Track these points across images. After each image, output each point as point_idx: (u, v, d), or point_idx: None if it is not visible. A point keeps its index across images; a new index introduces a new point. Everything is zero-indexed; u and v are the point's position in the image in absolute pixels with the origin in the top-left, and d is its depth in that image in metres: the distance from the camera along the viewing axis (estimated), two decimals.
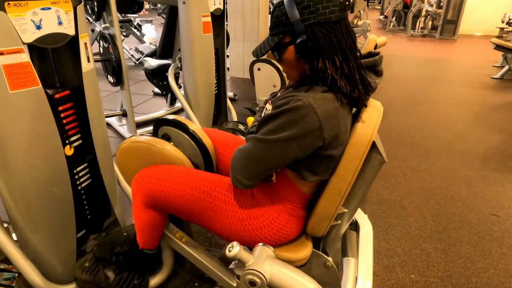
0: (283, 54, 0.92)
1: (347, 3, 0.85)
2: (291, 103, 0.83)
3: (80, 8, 1.15)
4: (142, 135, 1.19)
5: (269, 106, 1.03)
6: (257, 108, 1.21)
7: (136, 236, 1.22)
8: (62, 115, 1.22)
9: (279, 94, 1.07)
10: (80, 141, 1.32)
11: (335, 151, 0.88)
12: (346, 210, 1.01)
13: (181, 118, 1.27)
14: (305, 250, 1.03)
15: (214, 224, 1.04)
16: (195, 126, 1.24)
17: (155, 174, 1.08)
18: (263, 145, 0.86)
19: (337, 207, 0.95)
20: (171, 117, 1.26)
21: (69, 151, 1.27)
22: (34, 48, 1.06)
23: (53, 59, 1.19)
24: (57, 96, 1.18)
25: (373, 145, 0.89)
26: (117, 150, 1.20)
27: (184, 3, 2.28)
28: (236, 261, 1.09)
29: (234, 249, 0.82)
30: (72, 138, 1.28)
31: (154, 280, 1.33)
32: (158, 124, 1.28)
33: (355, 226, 1.38)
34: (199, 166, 1.25)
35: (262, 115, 1.07)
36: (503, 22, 7.33)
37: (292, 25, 0.85)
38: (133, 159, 1.18)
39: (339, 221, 1.04)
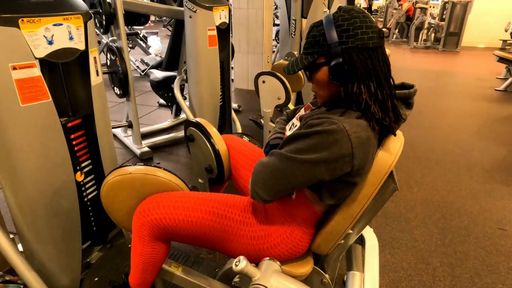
0: (315, 74, 0.92)
1: (383, 33, 0.86)
2: (325, 125, 0.82)
3: (90, 23, 1.18)
4: (123, 166, 1.09)
5: (296, 122, 1.01)
6: (277, 119, 1.21)
7: (126, 278, 1.15)
8: (74, 142, 1.26)
9: (303, 111, 1.06)
10: (91, 167, 1.34)
11: (359, 178, 0.88)
12: (351, 231, 1.01)
13: (204, 121, 1.31)
14: (307, 266, 1.03)
15: (229, 246, 1.02)
16: (213, 130, 1.27)
17: (161, 204, 1.02)
18: (291, 163, 0.84)
19: (346, 229, 0.96)
20: (196, 119, 1.31)
21: (80, 177, 1.30)
22: (45, 63, 1.09)
23: (63, 73, 1.21)
24: (69, 124, 1.22)
25: (390, 173, 0.90)
26: (103, 187, 1.09)
27: (190, 17, 2.33)
28: (240, 276, 1.09)
29: (241, 264, 0.82)
30: (83, 164, 1.31)
31: None
32: (187, 124, 1.35)
33: (360, 240, 1.37)
34: (213, 169, 1.28)
35: (287, 128, 1.06)
36: (506, 31, 7.33)
37: (329, 46, 0.85)
38: (124, 193, 1.08)
39: (343, 241, 1.04)
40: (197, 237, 1.03)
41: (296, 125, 0.99)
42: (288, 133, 1.03)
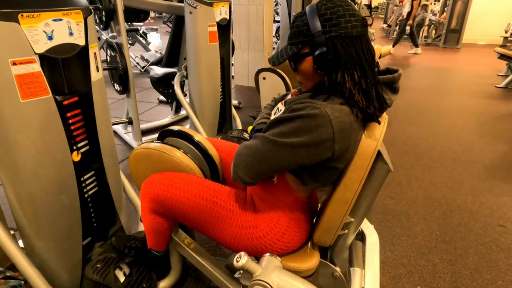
0: (300, 64, 0.92)
1: (366, 21, 0.86)
2: (307, 109, 0.82)
3: (90, 19, 1.17)
4: (153, 141, 1.22)
5: (281, 106, 1.02)
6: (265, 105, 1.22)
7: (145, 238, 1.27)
8: (70, 121, 1.24)
9: (289, 96, 1.07)
10: (88, 147, 1.33)
11: (341, 164, 0.89)
12: (352, 220, 1.01)
13: (186, 128, 1.28)
14: (312, 260, 1.03)
15: (219, 234, 1.05)
16: (200, 136, 1.25)
17: (163, 181, 1.10)
18: (273, 146, 0.85)
19: (343, 217, 0.96)
20: (176, 128, 1.27)
21: (77, 157, 1.28)
22: (45, 58, 1.08)
23: (63, 69, 1.21)
24: (65, 102, 1.20)
25: (379, 154, 0.90)
26: (130, 155, 1.24)
27: (190, 13, 2.31)
28: (243, 271, 1.09)
29: (242, 259, 0.82)
30: (80, 144, 1.29)
31: (163, 284, 1.35)
32: (163, 135, 1.29)
33: (361, 236, 1.37)
34: (206, 176, 1.26)
35: (272, 113, 1.07)
36: (506, 32, 7.35)
37: (313, 36, 0.85)
38: (144, 165, 1.22)
39: (346, 231, 1.04)
40: (189, 219, 1.08)
41: (280, 110, 1.00)
42: (273, 117, 1.03)
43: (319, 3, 0.86)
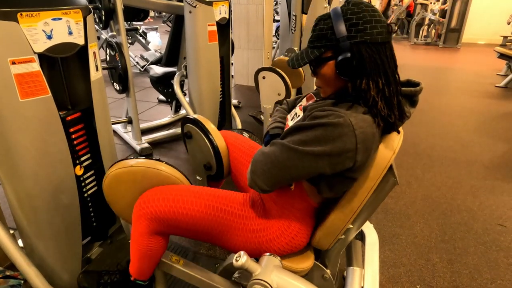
0: (320, 69, 0.89)
1: (391, 28, 0.84)
2: (331, 117, 0.80)
3: (90, 18, 1.18)
4: (126, 159, 1.09)
5: (299, 112, 0.99)
6: (272, 107, 1.21)
7: (128, 265, 1.14)
8: (73, 136, 1.25)
9: (304, 100, 1.05)
10: (90, 161, 1.33)
11: (358, 174, 0.87)
12: (352, 226, 1.01)
13: (202, 117, 1.30)
14: (307, 262, 1.03)
15: (228, 240, 1.02)
16: (211, 126, 1.26)
17: (161, 196, 1.02)
18: (293, 154, 0.83)
19: (346, 224, 0.95)
20: (194, 115, 1.30)
21: (79, 171, 1.29)
22: (44, 58, 1.08)
23: (62, 68, 1.21)
24: (69, 118, 1.21)
25: (390, 166, 0.89)
26: (105, 179, 1.09)
27: (190, 12, 2.31)
28: (241, 271, 1.09)
29: (242, 259, 0.82)
30: (83, 158, 1.30)
31: None
32: (184, 121, 1.35)
33: (360, 236, 1.37)
34: (212, 165, 1.28)
35: (289, 117, 1.05)
36: (509, 23, 7.30)
37: (337, 40, 0.83)
38: (125, 185, 1.08)
39: (343, 236, 1.03)
40: (196, 231, 1.03)
41: (299, 115, 0.97)
42: (290, 123, 1.01)
43: (344, 7, 0.84)
